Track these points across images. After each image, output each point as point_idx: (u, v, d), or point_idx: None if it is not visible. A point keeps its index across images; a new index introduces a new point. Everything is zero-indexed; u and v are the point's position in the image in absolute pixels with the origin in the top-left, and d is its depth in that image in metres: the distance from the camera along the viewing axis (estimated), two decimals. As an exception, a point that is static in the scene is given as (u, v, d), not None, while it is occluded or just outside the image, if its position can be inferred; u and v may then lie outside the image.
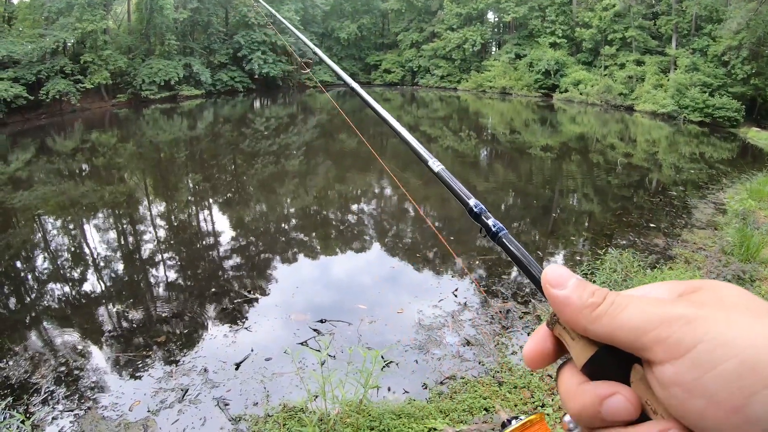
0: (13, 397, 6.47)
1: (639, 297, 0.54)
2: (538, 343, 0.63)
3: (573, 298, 0.56)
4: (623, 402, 0.53)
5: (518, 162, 22.99)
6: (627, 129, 32.28)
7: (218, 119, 37.02)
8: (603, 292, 0.55)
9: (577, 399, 0.56)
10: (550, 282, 0.59)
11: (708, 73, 34.49)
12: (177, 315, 8.76)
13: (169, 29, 43.47)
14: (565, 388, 0.59)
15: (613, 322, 0.52)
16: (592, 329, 0.54)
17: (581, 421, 0.56)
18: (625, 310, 0.52)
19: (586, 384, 0.56)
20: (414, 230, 13.71)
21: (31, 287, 10.59)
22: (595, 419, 0.54)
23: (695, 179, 18.50)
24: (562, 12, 48.45)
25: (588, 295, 0.56)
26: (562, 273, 0.59)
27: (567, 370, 0.60)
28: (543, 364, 0.63)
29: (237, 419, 5.99)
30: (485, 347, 7.51)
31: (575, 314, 0.56)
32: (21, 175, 20.16)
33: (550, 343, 0.62)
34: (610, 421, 0.53)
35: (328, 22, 58.63)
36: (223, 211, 15.80)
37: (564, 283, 0.58)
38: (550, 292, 0.58)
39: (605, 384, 0.55)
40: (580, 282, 0.58)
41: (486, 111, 41.83)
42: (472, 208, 0.85)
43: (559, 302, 0.57)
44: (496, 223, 0.80)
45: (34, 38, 35.08)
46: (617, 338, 0.52)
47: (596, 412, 0.54)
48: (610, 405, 0.53)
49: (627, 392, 0.53)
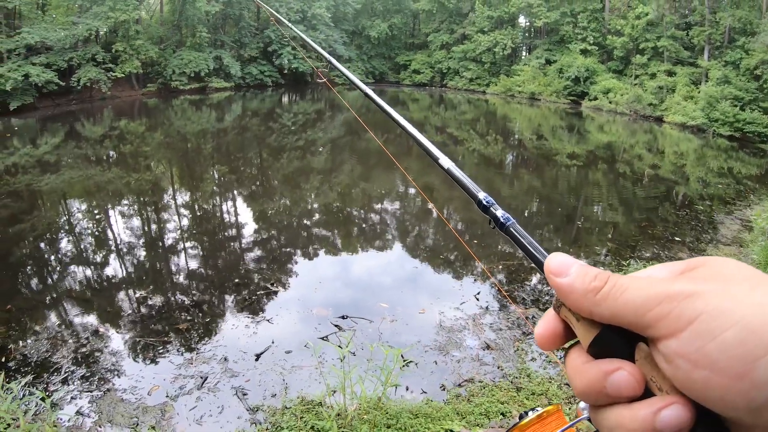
0: (33, 375, 6.56)
1: (639, 278, 0.55)
2: (548, 325, 0.64)
3: (576, 285, 0.57)
4: (627, 377, 0.53)
5: (544, 168, 22.83)
6: (655, 140, 31.90)
7: (246, 112, 37.21)
8: (605, 276, 0.57)
9: (583, 376, 0.57)
10: (552, 271, 0.60)
11: (740, 87, 33.93)
12: (198, 303, 8.83)
13: (200, 21, 43.75)
14: (571, 368, 0.60)
15: (616, 304, 0.54)
16: (596, 312, 0.56)
17: (587, 398, 0.57)
18: (626, 291, 0.53)
19: (592, 362, 0.57)
20: (437, 232, 13.68)
21: (54, 269, 10.72)
22: (601, 395, 0.55)
23: (722, 194, 18.22)
24: (594, 19, 47.99)
25: (590, 280, 0.57)
26: (563, 261, 0.60)
27: (574, 351, 0.61)
28: (554, 345, 0.64)
29: (255, 409, 6.02)
30: (505, 352, 7.48)
31: (579, 300, 0.57)
32: (49, 158, 20.42)
33: (559, 325, 0.63)
34: (615, 396, 0.54)
35: (359, 20, 58.64)
36: (247, 204, 15.89)
37: (566, 271, 0.59)
38: (554, 281, 0.60)
39: (609, 361, 0.56)
40: (582, 268, 0.59)
41: (514, 116, 41.61)
42: (481, 200, 0.88)
43: (563, 290, 0.59)
44: (504, 214, 0.82)
45: (67, 25, 35.41)
46: (620, 318, 0.54)
47: (601, 387, 0.55)
48: (614, 380, 0.54)
49: (630, 368, 0.54)
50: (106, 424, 5.78)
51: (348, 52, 55.12)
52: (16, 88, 30.14)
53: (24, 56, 32.12)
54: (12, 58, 31.54)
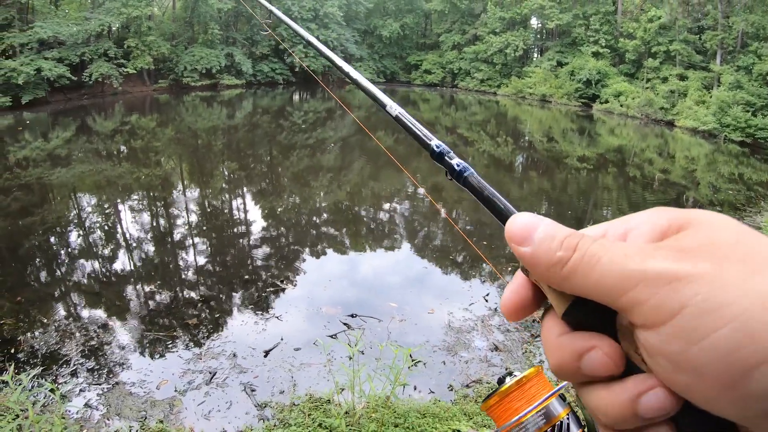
0: (42, 366, 6.59)
1: (614, 246, 0.46)
2: (516, 291, 0.56)
3: (539, 256, 0.49)
4: (602, 357, 0.47)
5: (554, 171, 22.76)
6: (666, 144, 31.76)
7: (257, 110, 37.28)
8: (572, 242, 0.48)
9: (556, 353, 0.50)
10: (513, 237, 0.51)
11: (752, 92, 33.66)
12: (207, 299, 8.85)
13: (212, 18, 43.94)
14: (545, 340, 0.53)
15: (586, 281, 0.46)
16: (565, 287, 0.48)
17: (561, 376, 0.51)
18: (597, 265, 0.45)
19: (565, 336, 0.50)
20: (445, 232, 13.65)
21: (64, 262, 10.78)
22: (576, 375, 0.49)
23: (732, 200, 18.12)
24: (606, 21, 47.81)
25: (556, 247, 0.48)
26: (526, 224, 0.51)
27: (549, 320, 0.53)
28: (522, 314, 0.56)
29: (263, 405, 6.02)
30: (513, 354, 7.46)
31: (544, 273, 0.49)
32: (60, 152, 20.52)
33: (529, 290, 0.55)
34: (591, 377, 0.48)
35: (371, 20, 58.63)
36: (256, 201, 15.92)
37: (529, 237, 0.50)
38: (516, 250, 0.51)
39: (584, 337, 0.49)
40: (548, 232, 0.50)
41: (524, 117, 41.52)
42: (434, 149, 0.80)
43: (526, 261, 0.51)
44: (460, 163, 0.74)
45: (79, 21, 35.62)
46: (593, 297, 0.46)
47: (576, 368, 0.49)
48: (588, 361, 0.48)
49: (607, 346, 0.47)
50: (114, 417, 5.80)
51: (359, 51, 55.13)
52: (28, 82, 30.35)
53: (36, 50, 32.37)
54: (24, 52, 31.80)
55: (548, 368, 0.55)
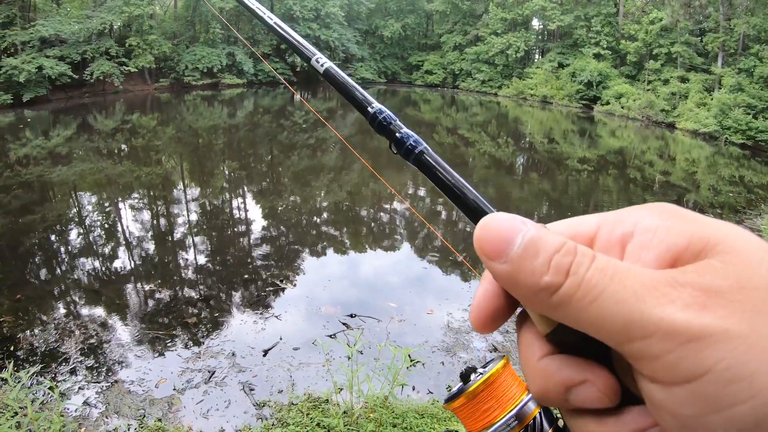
0: (41, 364, 6.59)
1: (619, 274, 0.37)
2: (486, 299, 0.45)
3: (520, 278, 0.39)
4: (595, 392, 0.40)
5: (554, 172, 22.75)
6: (667, 146, 31.75)
7: (258, 109, 37.28)
8: (564, 263, 0.38)
9: (538, 380, 0.43)
10: (484, 250, 0.41)
11: (753, 95, 33.67)
12: (207, 298, 8.86)
13: (214, 18, 43.90)
14: (524, 358, 0.45)
15: (581, 317, 0.37)
16: (554, 317, 0.40)
17: (545, 403, 0.45)
18: (598, 301, 0.36)
19: (550, 361, 0.43)
20: (445, 233, 13.66)
21: (64, 260, 10.78)
22: (563, 404, 0.42)
23: (733, 203, 18.11)
24: (607, 23, 47.79)
25: (541, 269, 0.38)
26: (501, 231, 0.40)
27: (527, 333, 0.45)
28: (494, 326, 0.46)
29: (261, 405, 6.03)
30: (512, 355, 7.45)
31: (527, 298, 0.40)
32: (61, 150, 20.52)
33: (500, 298, 0.45)
34: (580, 409, 0.42)
35: (372, 20, 58.62)
36: (256, 200, 15.92)
37: (505, 250, 0.39)
38: (488, 265, 0.41)
39: (573, 366, 0.41)
40: (531, 245, 0.39)
41: (525, 118, 41.50)
42: (375, 115, 0.64)
43: (503, 281, 0.41)
44: (410, 135, 0.60)
45: (81, 19, 35.64)
46: (588, 333, 0.38)
47: (561, 400, 0.42)
48: (578, 395, 0.41)
49: (602, 380, 0.40)
50: (112, 415, 5.81)
51: (361, 51, 55.11)
52: (29, 80, 30.39)
53: (38, 48, 32.37)
54: (26, 50, 31.83)
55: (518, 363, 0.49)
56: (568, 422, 0.44)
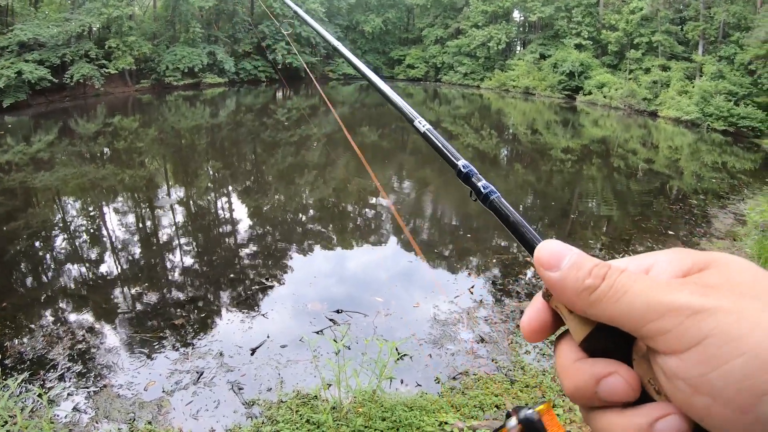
0: (30, 372, 6.57)
1: (641, 279, 0.50)
2: (535, 314, 0.59)
3: (568, 282, 0.53)
4: (621, 383, 0.50)
5: (538, 162, 22.85)
6: (649, 134, 31.96)
7: (240, 108, 37.12)
8: (601, 272, 0.52)
9: (573, 377, 0.53)
10: (542, 263, 0.55)
11: (734, 82, 33.93)
12: (194, 299, 8.86)
13: (194, 17, 43.68)
14: (561, 364, 0.56)
15: (613, 308, 0.49)
16: (590, 313, 0.51)
17: (576, 400, 0.54)
18: (625, 295, 0.49)
19: (583, 361, 0.53)
20: (431, 226, 13.73)
21: (49, 266, 10.72)
22: (592, 399, 0.52)
23: (716, 188, 18.26)
24: (588, 13, 47.98)
25: (584, 276, 0.52)
26: (555, 251, 0.55)
27: (564, 345, 0.57)
28: (541, 336, 0.60)
29: (250, 403, 6.05)
30: (499, 345, 7.52)
31: (571, 298, 0.53)
32: (43, 156, 20.36)
33: (548, 315, 0.58)
34: (607, 401, 0.51)
35: (353, 15, 58.57)
36: (241, 200, 15.90)
37: (558, 264, 0.54)
38: (543, 274, 0.55)
39: (603, 362, 0.52)
40: (576, 260, 0.54)
41: (508, 110, 41.62)
42: (460, 169, 0.81)
43: (553, 285, 0.54)
44: (487, 186, 0.76)
45: (59, 22, 35.24)
46: (617, 324, 0.49)
47: (592, 392, 0.51)
48: (607, 385, 0.50)
49: (626, 372, 0.51)
50: (102, 420, 5.80)
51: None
52: (9, 86, 30.16)
53: (17, 53, 32.08)
54: (5, 55, 31.55)
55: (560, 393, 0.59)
56: (592, 422, 0.53)
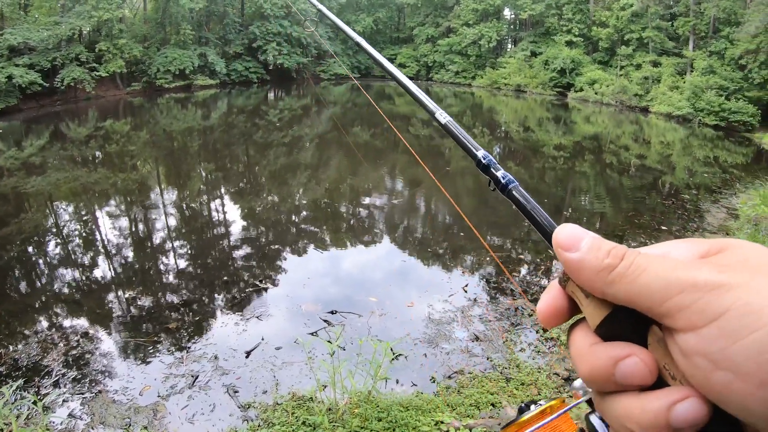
0: (24, 378, 6.54)
1: (660, 258, 0.50)
2: (551, 300, 0.59)
3: (587, 261, 0.52)
4: (639, 364, 0.49)
5: (531, 160, 22.90)
6: (641, 130, 32.06)
7: (232, 109, 37.04)
8: (620, 252, 0.51)
9: (589, 360, 0.52)
10: (561, 245, 0.55)
11: (725, 77, 34.11)
12: (188, 302, 8.84)
13: (184, 19, 43.51)
14: (576, 349, 0.55)
15: (632, 287, 0.48)
16: (609, 292, 0.51)
17: (593, 384, 0.53)
18: (644, 273, 0.48)
19: (599, 345, 0.53)
20: (424, 225, 13.74)
21: (43, 272, 10.68)
22: (608, 382, 0.51)
23: (708, 183, 18.34)
24: (579, 10, 48.07)
25: (604, 256, 0.51)
26: (574, 233, 0.55)
27: (579, 330, 0.56)
28: (557, 321, 0.59)
29: (246, 406, 6.05)
30: (494, 343, 7.53)
31: (590, 278, 0.52)
32: (34, 160, 20.27)
33: (564, 300, 0.58)
34: (624, 384, 0.50)
35: (343, 15, 58.41)
36: (234, 201, 15.86)
37: (577, 245, 0.54)
38: (562, 255, 0.55)
39: (620, 345, 0.51)
40: (595, 242, 0.53)
41: (500, 108, 41.68)
42: (480, 159, 0.84)
43: (573, 266, 0.54)
44: (505, 175, 0.79)
45: (49, 25, 35.03)
46: (635, 303, 0.49)
47: (609, 374, 0.50)
48: (624, 367, 0.49)
49: (643, 354, 0.50)
50: (98, 425, 5.79)
51: (333, 46, 54.98)
52: (-1, 90, 29.97)
53: (7, 57, 31.89)
54: (-5, 59, 31.36)
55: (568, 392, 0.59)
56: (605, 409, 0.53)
